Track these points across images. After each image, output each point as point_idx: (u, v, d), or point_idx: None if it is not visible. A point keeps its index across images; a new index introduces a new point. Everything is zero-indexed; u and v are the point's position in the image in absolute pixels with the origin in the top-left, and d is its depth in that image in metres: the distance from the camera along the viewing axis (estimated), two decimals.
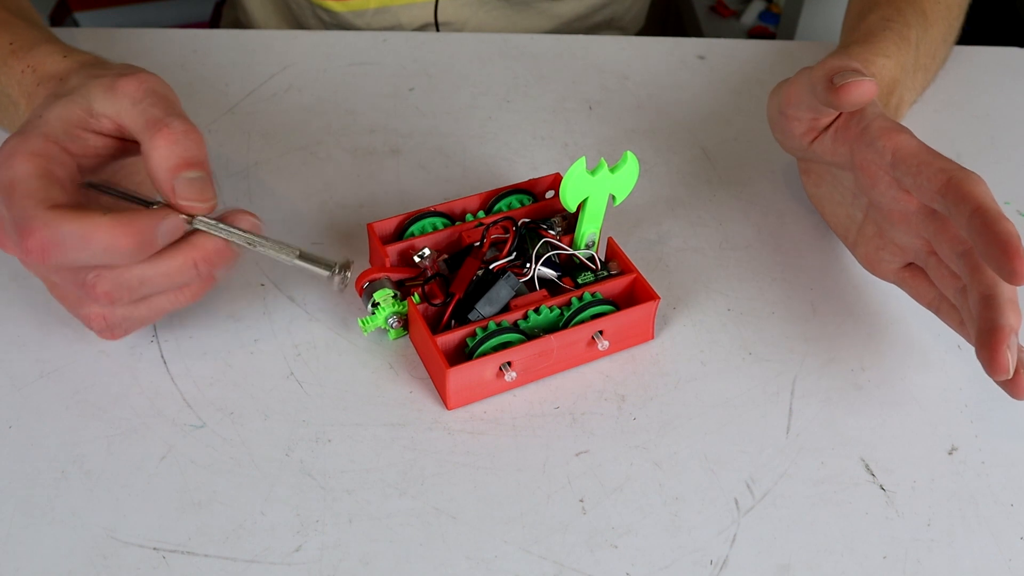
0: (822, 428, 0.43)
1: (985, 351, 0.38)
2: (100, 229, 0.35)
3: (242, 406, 0.42)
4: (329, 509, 0.39)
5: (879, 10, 0.55)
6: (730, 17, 1.49)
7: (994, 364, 0.38)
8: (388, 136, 0.58)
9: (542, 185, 0.50)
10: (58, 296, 0.41)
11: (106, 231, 0.35)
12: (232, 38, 0.66)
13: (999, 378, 0.38)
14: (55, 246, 0.35)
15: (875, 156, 0.43)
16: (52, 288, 0.41)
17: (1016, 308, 0.39)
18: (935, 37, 0.58)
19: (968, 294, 0.40)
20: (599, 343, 0.44)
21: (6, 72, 0.45)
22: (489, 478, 0.40)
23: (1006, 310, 0.38)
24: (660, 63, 0.66)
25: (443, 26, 0.75)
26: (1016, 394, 0.39)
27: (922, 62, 0.56)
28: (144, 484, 0.39)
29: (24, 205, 0.36)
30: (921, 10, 0.56)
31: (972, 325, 0.40)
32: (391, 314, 0.44)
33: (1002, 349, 0.38)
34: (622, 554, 0.38)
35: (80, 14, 1.64)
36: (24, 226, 0.36)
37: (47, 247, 0.35)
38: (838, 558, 0.38)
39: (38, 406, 0.42)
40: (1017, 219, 0.54)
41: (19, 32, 0.47)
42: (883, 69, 0.51)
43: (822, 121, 0.47)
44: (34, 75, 0.44)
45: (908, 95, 0.55)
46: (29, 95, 0.44)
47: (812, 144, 0.48)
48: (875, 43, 0.52)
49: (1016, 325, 0.38)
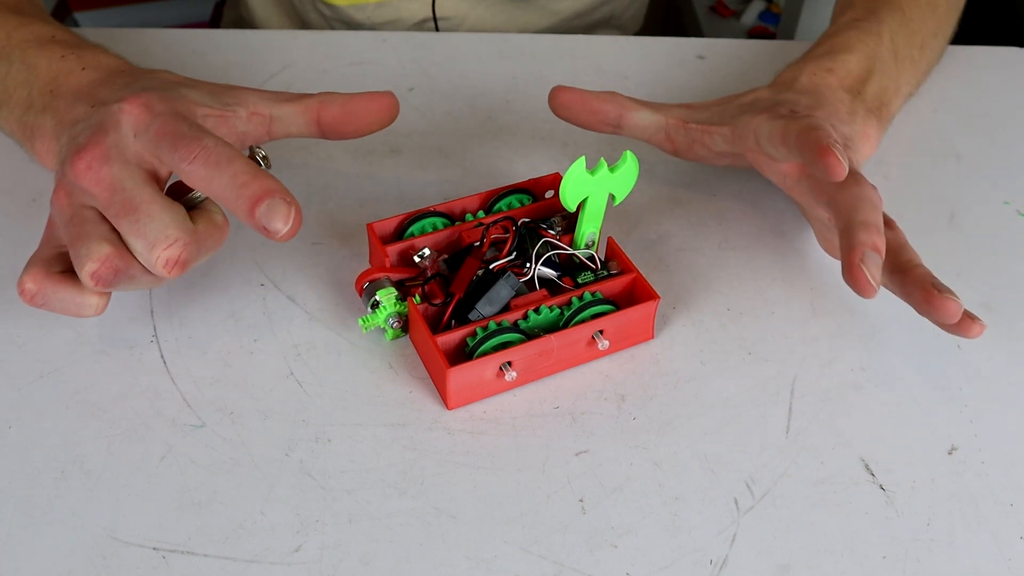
0: (822, 428, 0.43)
1: (845, 273, 0.41)
2: (239, 160, 0.39)
3: (242, 406, 0.42)
4: (329, 509, 0.39)
5: (851, 12, 0.58)
6: (730, 17, 1.49)
7: (855, 284, 0.40)
8: (388, 136, 0.58)
9: (542, 185, 0.50)
10: (72, 228, 0.40)
11: (242, 163, 0.39)
12: (232, 38, 0.66)
13: (867, 296, 0.41)
14: (213, 155, 0.39)
15: (751, 144, 0.48)
16: (72, 217, 0.40)
17: (870, 228, 0.41)
18: (919, 30, 0.58)
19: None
20: (599, 343, 0.44)
21: (40, 53, 0.47)
22: (489, 478, 0.40)
23: (857, 231, 0.41)
24: (660, 63, 0.66)
25: (442, 21, 0.75)
26: (934, 312, 0.41)
27: (905, 53, 0.57)
28: (144, 484, 0.39)
29: (203, 129, 0.40)
30: (896, 7, 0.57)
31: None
32: (391, 314, 0.44)
33: (856, 264, 0.40)
34: (622, 554, 0.38)
35: (80, 14, 1.64)
36: (198, 132, 0.39)
37: (209, 153, 0.39)
38: (838, 558, 0.38)
39: (38, 406, 0.42)
40: (1017, 219, 0.54)
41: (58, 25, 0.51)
42: (847, 64, 0.53)
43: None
44: (79, 61, 0.46)
45: (893, 84, 0.55)
46: (62, 75, 0.46)
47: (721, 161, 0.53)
48: (838, 42, 0.54)
49: (869, 242, 0.41)
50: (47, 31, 0.49)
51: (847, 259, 0.41)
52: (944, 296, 0.41)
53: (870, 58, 0.54)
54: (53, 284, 0.40)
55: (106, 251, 0.39)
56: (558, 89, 0.51)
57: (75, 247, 0.39)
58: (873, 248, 0.40)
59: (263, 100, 0.47)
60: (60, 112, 0.45)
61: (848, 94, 0.51)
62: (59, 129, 0.45)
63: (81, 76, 0.46)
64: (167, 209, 0.40)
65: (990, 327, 0.48)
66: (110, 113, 0.41)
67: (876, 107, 0.53)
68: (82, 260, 0.39)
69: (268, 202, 0.38)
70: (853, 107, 0.51)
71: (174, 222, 0.39)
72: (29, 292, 0.40)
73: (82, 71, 0.46)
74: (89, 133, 0.41)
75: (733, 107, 0.50)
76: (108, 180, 0.39)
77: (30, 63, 0.47)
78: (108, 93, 0.44)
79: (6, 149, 0.54)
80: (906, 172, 0.57)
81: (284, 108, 0.47)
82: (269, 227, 0.38)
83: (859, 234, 0.41)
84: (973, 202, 0.55)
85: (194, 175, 0.39)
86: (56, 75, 0.46)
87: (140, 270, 0.40)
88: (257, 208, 0.38)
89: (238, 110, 0.46)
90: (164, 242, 0.39)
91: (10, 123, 0.48)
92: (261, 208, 0.38)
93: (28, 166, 0.53)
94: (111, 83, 0.45)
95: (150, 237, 0.39)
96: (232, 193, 0.38)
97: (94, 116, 0.42)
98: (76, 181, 0.40)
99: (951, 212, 0.55)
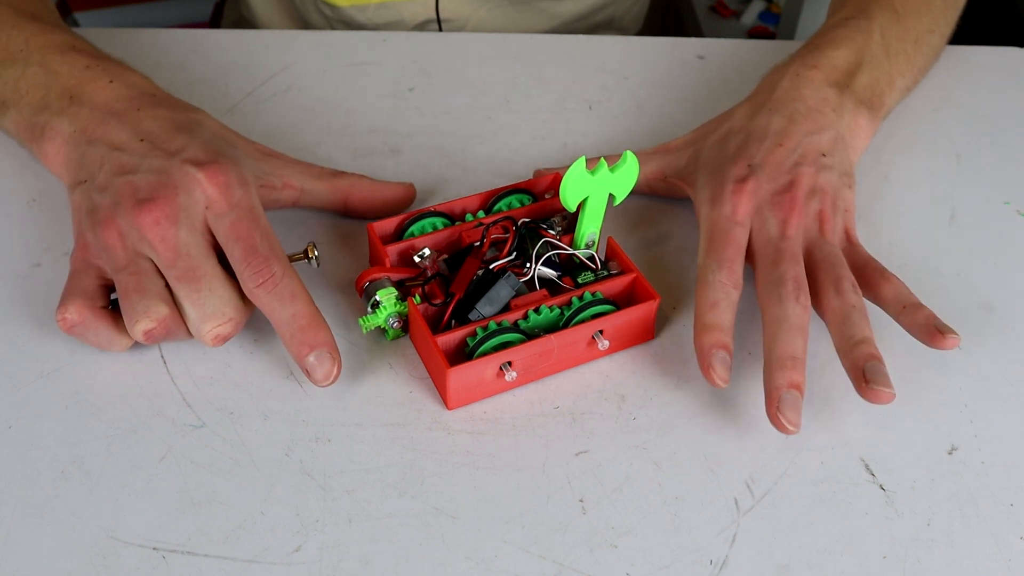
0: (822, 428, 0.43)
1: (768, 414, 0.41)
2: (301, 299, 0.41)
3: (242, 406, 0.42)
4: (329, 509, 0.39)
5: (843, 11, 0.58)
6: (730, 17, 1.49)
7: (776, 427, 0.41)
8: (388, 136, 0.58)
9: (542, 185, 0.50)
10: (129, 278, 0.41)
11: (304, 304, 0.41)
12: (232, 38, 0.66)
13: (789, 434, 0.41)
14: (275, 284, 0.41)
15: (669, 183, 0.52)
16: (128, 265, 0.41)
17: (785, 365, 0.41)
18: (913, 26, 0.58)
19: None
20: (599, 343, 0.44)
21: (62, 60, 0.48)
22: (489, 478, 0.40)
23: (775, 372, 0.41)
24: (660, 63, 0.66)
25: (444, 22, 0.75)
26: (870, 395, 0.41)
27: (897, 48, 0.57)
28: (144, 484, 0.39)
29: (273, 243, 0.42)
30: (887, 5, 0.57)
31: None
32: (391, 314, 0.44)
33: (774, 413, 0.41)
34: (622, 554, 0.38)
35: (80, 14, 1.64)
36: (269, 252, 0.41)
37: (276, 280, 0.41)
38: (838, 558, 0.38)
39: (38, 406, 0.42)
40: (1017, 219, 0.54)
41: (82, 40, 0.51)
42: (832, 59, 0.53)
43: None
44: (105, 73, 0.47)
45: (886, 76, 0.55)
46: (84, 82, 0.47)
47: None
48: (826, 39, 0.55)
49: (784, 383, 0.41)
50: (67, 40, 0.49)
51: (767, 403, 0.41)
52: (873, 388, 0.41)
53: (858, 52, 0.54)
54: (95, 319, 0.41)
55: (164, 313, 0.40)
56: (537, 173, 0.53)
57: (131, 299, 0.40)
58: (790, 387, 0.40)
59: (297, 174, 0.49)
60: (82, 120, 0.45)
61: (834, 89, 0.52)
62: (78, 138, 0.45)
63: (108, 89, 0.46)
64: (227, 286, 0.41)
65: (990, 327, 0.48)
66: (184, 173, 0.42)
67: (867, 98, 0.53)
68: (138, 315, 0.40)
69: (318, 353, 0.41)
70: (840, 102, 0.51)
71: (231, 301, 0.41)
72: (70, 322, 0.41)
73: (109, 83, 0.46)
74: (156, 185, 0.41)
75: (706, 151, 0.51)
76: (174, 242, 0.40)
77: (51, 68, 0.47)
78: (159, 130, 0.44)
79: (6, 149, 0.54)
80: (906, 172, 0.57)
81: (316, 185, 0.49)
82: (312, 375, 0.41)
83: (776, 376, 0.41)
84: (973, 202, 0.55)
85: (257, 298, 0.41)
86: (80, 82, 0.47)
87: (185, 332, 0.42)
88: (307, 356, 0.41)
89: (273, 180, 0.47)
90: (219, 319, 0.41)
91: (16, 123, 0.48)
92: (311, 357, 0.41)
93: (28, 167, 0.53)
94: (151, 112, 0.45)
95: (207, 310, 0.41)
96: (288, 330, 0.41)
97: (155, 160, 0.43)
98: (140, 232, 0.41)
99: (951, 212, 0.55)
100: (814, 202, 0.47)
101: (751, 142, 0.49)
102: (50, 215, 0.51)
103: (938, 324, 0.43)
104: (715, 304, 0.43)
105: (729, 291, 0.44)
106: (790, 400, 0.40)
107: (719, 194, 0.47)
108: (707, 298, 0.44)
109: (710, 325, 0.43)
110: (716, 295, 0.44)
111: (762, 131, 0.49)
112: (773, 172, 0.47)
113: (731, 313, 0.43)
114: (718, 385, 0.42)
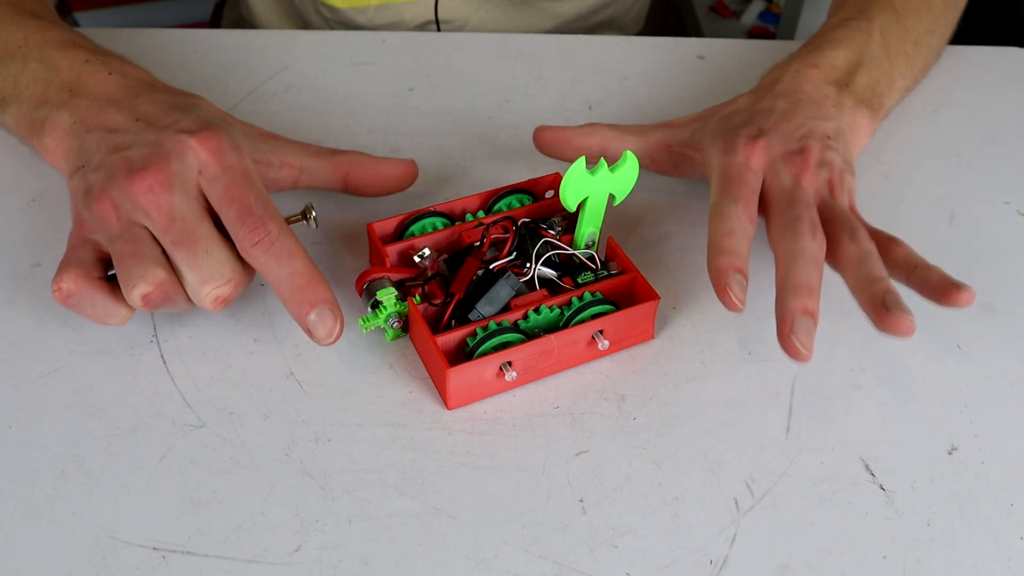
0: (822, 428, 0.43)
1: (779, 340, 0.41)
2: (299, 258, 0.41)
3: (242, 406, 0.42)
4: (329, 509, 0.39)
5: (843, 11, 0.58)
6: (730, 17, 1.49)
7: (788, 352, 0.40)
8: (388, 136, 0.58)
9: (542, 185, 0.50)
10: (124, 245, 0.41)
11: (302, 262, 0.41)
12: (232, 38, 0.66)
13: (801, 362, 0.41)
14: (271, 242, 0.40)
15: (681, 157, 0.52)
16: (122, 233, 0.41)
17: (800, 292, 0.41)
18: (913, 26, 0.58)
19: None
20: (599, 343, 0.44)
21: (62, 55, 0.47)
22: (489, 478, 0.40)
23: (788, 297, 0.41)
24: (660, 63, 0.66)
25: (444, 24, 0.75)
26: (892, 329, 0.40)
27: (897, 48, 0.57)
28: (144, 484, 0.39)
29: (268, 204, 0.41)
30: (888, 5, 0.58)
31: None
32: (391, 314, 0.44)
33: (787, 335, 0.40)
34: (622, 554, 0.38)
35: (80, 14, 1.64)
36: (264, 213, 0.41)
37: (273, 238, 0.40)
38: (838, 558, 0.38)
39: (38, 406, 0.42)
40: (1017, 219, 0.54)
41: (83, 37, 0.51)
42: (832, 59, 0.53)
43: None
44: (104, 66, 0.47)
45: (885, 76, 0.55)
46: (84, 75, 0.46)
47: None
48: (826, 39, 0.55)
49: (799, 307, 0.40)
50: (67, 36, 0.49)
51: (779, 328, 0.40)
52: (894, 315, 0.40)
53: (858, 52, 0.54)
54: (92, 289, 0.41)
55: (161, 276, 0.40)
56: (541, 128, 0.52)
57: (127, 265, 0.40)
58: (804, 313, 0.40)
59: (295, 153, 0.48)
60: (82, 111, 0.45)
61: (834, 87, 0.52)
62: (78, 128, 0.45)
63: (108, 80, 0.46)
64: (224, 248, 0.41)
65: (990, 327, 0.48)
66: (176, 141, 0.41)
67: (867, 97, 0.53)
68: (135, 280, 0.40)
69: (319, 310, 0.40)
70: (840, 99, 0.51)
71: (229, 261, 0.41)
72: (66, 291, 0.40)
73: (108, 75, 0.46)
74: (149, 155, 0.41)
75: (713, 122, 0.51)
76: (168, 208, 0.40)
77: (51, 63, 0.47)
78: (154, 111, 0.44)
79: (6, 149, 0.54)
80: (906, 172, 0.57)
81: (314, 162, 0.49)
82: (314, 333, 0.41)
83: (790, 300, 0.40)
84: (973, 202, 0.55)
85: (254, 259, 0.41)
86: (79, 76, 0.47)
87: (184, 298, 0.42)
88: (308, 314, 0.40)
89: (271, 158, 0.47)
90: (218, 280, 0.41)
91: (16, 119, 0.48)
92: (311, 315, 0.40)
93: (28, 166, 0.53)
94: (149, 97, 0.45)
95: (205, 272, 0.40)
96: (287, 289, 0.40)
97: (148, 135, 0.42)
98: (133, 200, 0.40)
99: (951, 212, 0.55)
100: (823, 171, 0.47)
101: (758, 116, 0.49)
102: (50, 215, 0.51)
103: (952, 280, 0.42)
104: (731, 232, 0.42)
105: (745, 224, 0.43)
106: (804, 324, 0.40)
107: (732, 146, 0.47)
108: (723, 227, 0.42)
109: (727, 249, 0.41)
110: (732, 225, 0.43)
111: (768, 110, 0.49)
112: (784, 137, 0.47)
113: (746, 245, 0.42)
114: (735, 307, 0.40)
